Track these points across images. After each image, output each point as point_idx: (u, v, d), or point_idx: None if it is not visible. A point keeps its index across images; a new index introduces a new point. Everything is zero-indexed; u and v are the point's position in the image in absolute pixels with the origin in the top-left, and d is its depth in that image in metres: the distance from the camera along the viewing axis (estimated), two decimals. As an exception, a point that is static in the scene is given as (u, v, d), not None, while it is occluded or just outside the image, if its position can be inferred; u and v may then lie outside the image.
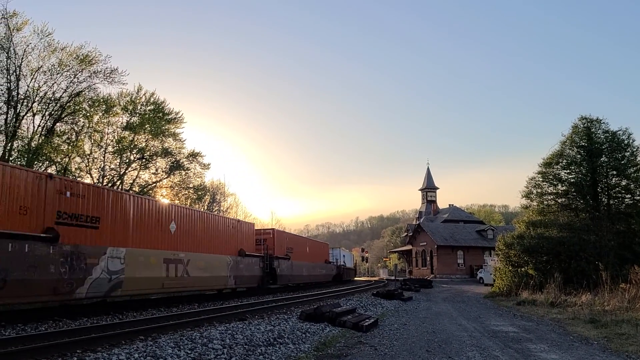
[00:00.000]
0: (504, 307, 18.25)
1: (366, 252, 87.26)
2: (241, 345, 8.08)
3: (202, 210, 31.79)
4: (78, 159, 29.05)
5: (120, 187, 29.43)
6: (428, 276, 50.70)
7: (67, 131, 28.50)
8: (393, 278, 43.54)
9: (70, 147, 27.88)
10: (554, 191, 27.35)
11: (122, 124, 30.92)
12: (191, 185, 35.93)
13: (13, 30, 24.75)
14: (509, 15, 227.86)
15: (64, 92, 27.25)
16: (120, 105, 31.06)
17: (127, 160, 30.87)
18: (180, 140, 33.98)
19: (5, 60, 24.59)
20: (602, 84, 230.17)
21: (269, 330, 9.78)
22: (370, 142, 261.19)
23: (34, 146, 25.53)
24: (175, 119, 33.44)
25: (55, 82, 26.86)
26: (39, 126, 26.65)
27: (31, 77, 25.83)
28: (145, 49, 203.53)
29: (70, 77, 27.23)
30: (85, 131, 29.29)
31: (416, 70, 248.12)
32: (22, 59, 25.31)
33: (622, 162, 25.65)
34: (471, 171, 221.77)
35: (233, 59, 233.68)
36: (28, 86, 25.72)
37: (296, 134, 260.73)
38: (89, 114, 29.18)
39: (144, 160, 31.64)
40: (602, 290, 17.04)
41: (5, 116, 24.81)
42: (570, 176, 26.89)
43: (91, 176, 29.23)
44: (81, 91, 28.06)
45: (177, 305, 16.89)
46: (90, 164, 29.50)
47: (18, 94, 25.06)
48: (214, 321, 10.90)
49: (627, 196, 25.89)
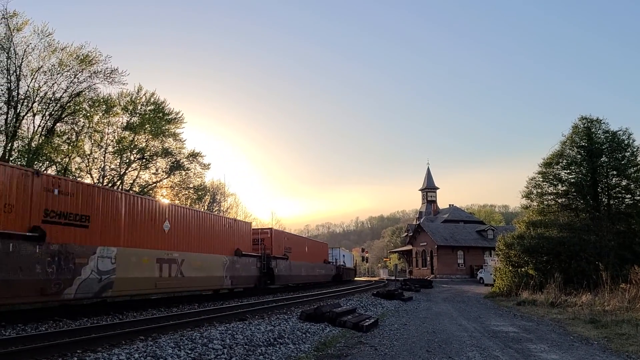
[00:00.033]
0: (504, 307, 18.24)
1: (366, 252, 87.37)
2: (241, 345, 8.08)
3: (202, 210, 31.76)
4: (78, 159, 29.09)
5: (120, 187, 29.42)
6: (428, 276, 50.70)
7: (67, 131, 28.53)
8: (393, 278, 43.50)
9: (70, 147, 27.90)
10: (554, 191, 27.33)
11: (122, 124, 30.99)
12: (191, 186, 35.95)
13: (13, 30, 24.78)
14: (509, 15, 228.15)
15: (64, 92, 27.31)
16: (121, 106, 31.09)
17: (128, 161, 30.89)
18: (181, 140, 34.07)
19: (6, 60, 24.61)
20: (602, 84, 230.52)
21: (269, 330, 9.77)
22: (370, 142, 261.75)
23: (34, 146, 25.54)
24: (175, 119, 33.49)
25: (56, 82, 26.93)
26: (39, 126, 26.69)
27: (31, 77, 25.89)
28: (145, 49, 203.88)
29: (71, 77, 27.30)
30: (86, 131, 29.32)
31: (416, 70, 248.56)
32: (23, 59, 25.34)
33: (622, 162, 25.63)
34: (471, 171, 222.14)
35: (233, 59, 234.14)
36: (28, 86, 25.76)
37: (296, 134, 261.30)
38: (89, 114, 29.22)
39: (144, 160, 31.65)
40: (602, 291, 17.02)
41: (5, 116, 24.84)
42: (571, 176, 26.88)
43: (91, 176, 29.26)
44: (81, 91, 28.11)
45: (177, 305, 16.89)
46: (91, 164, 29.54)
47: (18, 94, 25.07)
48: (214, 321, 10.90)
49: (627, 196, 25.87)
